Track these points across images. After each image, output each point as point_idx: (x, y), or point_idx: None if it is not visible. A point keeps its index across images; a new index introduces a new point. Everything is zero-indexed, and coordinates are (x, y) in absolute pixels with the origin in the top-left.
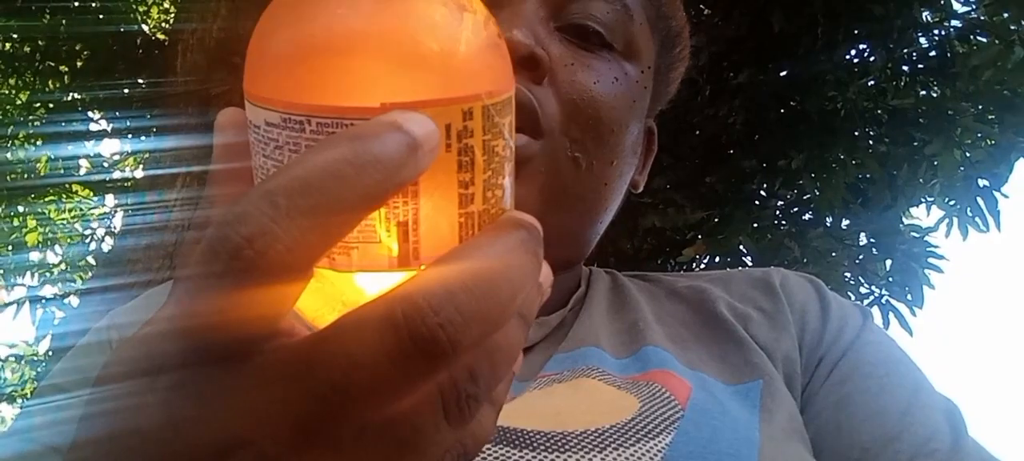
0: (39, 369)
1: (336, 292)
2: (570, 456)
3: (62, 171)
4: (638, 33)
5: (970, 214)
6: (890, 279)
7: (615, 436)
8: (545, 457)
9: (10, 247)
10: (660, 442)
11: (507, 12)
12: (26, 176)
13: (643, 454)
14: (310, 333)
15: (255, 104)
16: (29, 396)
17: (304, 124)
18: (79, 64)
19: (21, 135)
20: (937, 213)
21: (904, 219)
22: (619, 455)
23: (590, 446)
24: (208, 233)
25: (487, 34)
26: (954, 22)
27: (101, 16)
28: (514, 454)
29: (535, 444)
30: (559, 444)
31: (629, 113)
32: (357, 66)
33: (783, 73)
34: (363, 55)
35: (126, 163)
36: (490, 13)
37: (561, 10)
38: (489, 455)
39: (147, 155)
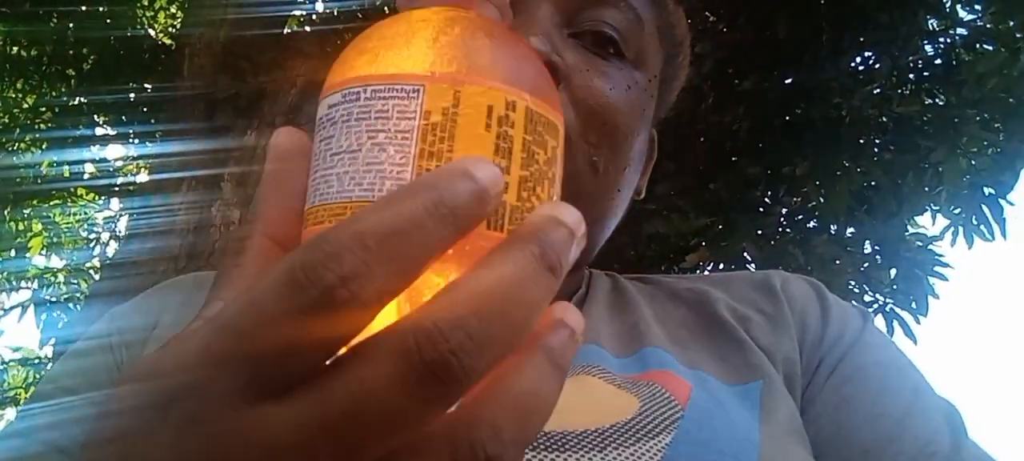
0: (43, 373)
1: None
2: (570, 455)
3: (68, 175)
4: (648, 42)
5: (975, 222)
6: (894, 287)
7: (615, 436)
8: (545, 456)
9: (13, 251)
10: (660, 442)
11: (522, 18)
12: (32, 180)
13: (643, 453)
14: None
15: (322, 99)
16: (29, 397)
17: (359, 94)
18: (86, 68)
19: (27, 139)
20: (942, 222)
21: (909, 227)
22: (619, 454)
23: (590, 445)
24: (288, 265)
25: (537, 60)
26: (960, 30)
27: (108, 21)
28: None
29: (535, 443)
30: (559, 443)
31: (640, 120)
32: (406, 41)
33: (788, 80)
34: (414, 34)
35: (131, 168)
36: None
37: (574, 17)
38: None
39: (153, 159)
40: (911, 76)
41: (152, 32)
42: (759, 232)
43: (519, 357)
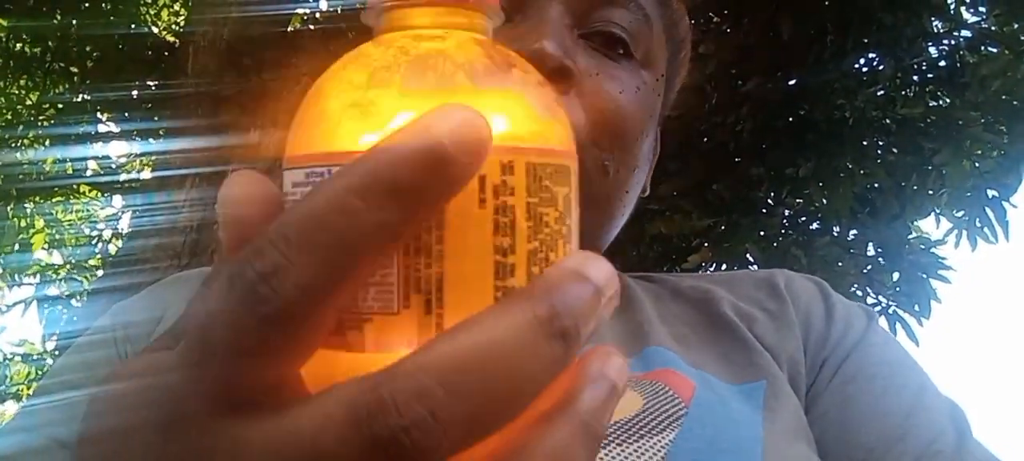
0: (45, 369)
1: (355, 368)
2: None
3: (71, 172)
4: (655, 42)
5: (979, 225)
6: (897, 289)
7: (619, 432)
8: None
9: (16, 247)
10: (664, 438)
11: (534, 20)
12: (35, 177)
13: (647, 450)
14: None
15: (285, 169)
16: (33, 391)
17: (324, 175)
18: (89, 65)
19: (31, 136)
20: (945, 225)
21: (913, 232)
22: (623, 451)
23: None
24: (223, 268)
25: (537, 93)
26: (964, 32)
27: (111, 17)
28: None
29: None
30: None
31: (649, 121)
32: (369, 100)
33: (791, 81)
34: (377, 86)
35: (134, 165)
36: (545, 80)
37: (585, 17)
38: None
39: (156, 157)
40: (915, 78)
41: (156, 29)
42: (762, 233)
43: (545, 415)
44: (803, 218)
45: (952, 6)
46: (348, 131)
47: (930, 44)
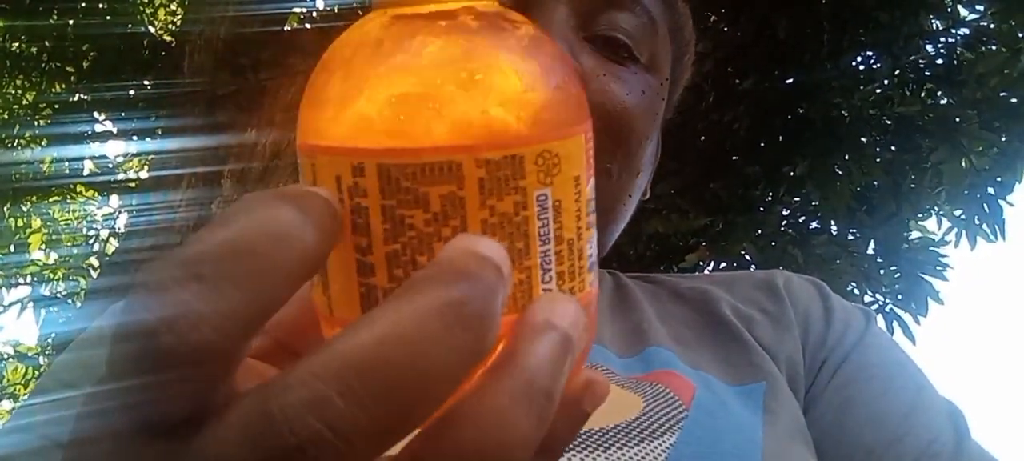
0: (41, 369)
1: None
2: (574, 455)
3: (68, 171)
4: (660, 46)
5: (977, 223)
6: (895, 288)
7: (619, 435)
8: None
9: (12, 247)
10: (664, 442)
11: (539, 23)
12: (31, 176)
13: (647, 454)
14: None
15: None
16: (30, 391)
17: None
18: (85, 65)
19: (27, 135)
20: (944, 224)
21: (912, 232)
22: (623, 454)
23: (594, 445)
24: (123, 313)
25: (437, 76)
26: (961, 30)
27: (108, 17)
28: None
29: None
30: None
31: (653, 125)
32: (320, 87)
33: (788, 80)
34: (327, 72)
35: (131, 164)
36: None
37: (590, 21)
38: None
39: (153, 156)
40: (912, 76)
41: (152, 29)
42: (759, 232)
43: (479, 378)
44: (800, 217)
45: (949, 4)
46: (304, 116)
47: (927, 42)
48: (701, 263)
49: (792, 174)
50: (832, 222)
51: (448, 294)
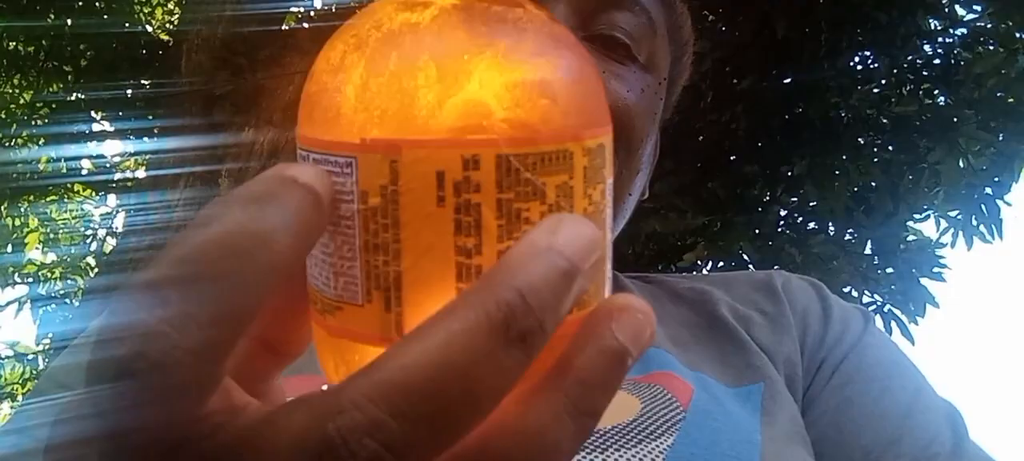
0: (40, 369)
1: (342, 357)
2: None
3: (65, 171)
4: (659, 45)
5: (975, 223)
6: (892, 288)
7: (617, 437)
8: None
9: (10, 247)
10: (662, 443)
11: None
12: (29, 176)
13: (645, 455)
14: (226, 431)
15: (300, 147)
16: (28, 392)
17: (307, 157)
18: (83, 64)
19: (24, 135)
20: (942, 225)
21: (909, 232)
22: (621, 456)
23: (592, 447)
24: (96, 342)
25: (532, 69)
26: (958, 30)
27: (105, 16)
28: None
29: None
30: None
31: (651, 124)
32: (342, 77)
33: (786, 79)
34: (350, 63)
35: (129, 164)
36: (567, 45)
37: (589, 20)
38: None
39: (150, 155)
40: (909, 76)
41: (150, 28)
42: (756, 231)
43: (527, 390)
44: (798, 216)
45: (947, 4)
46: (323, 111)
47: (925, 42)
48: (699, 262)
49: (790, 174)
50: (830, 222)
51: (499, 310)
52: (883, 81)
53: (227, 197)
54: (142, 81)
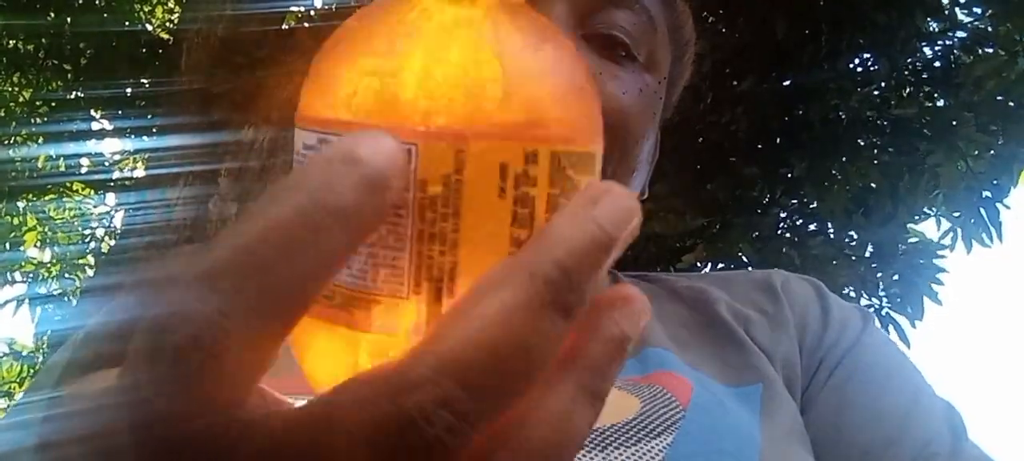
0: (37, 367)
1: (350, 353)
2: None
3: (63, 168)
4: (659, 45)
5: (974, 225)
6: (891, 290)
7: (616, 435)
8: None
9: (7, 245)
10: (661, 442)
11: None
12: (27, 174)
13: (644, 453)
14: (280, 417)
15: (298, 126)
16: (27, 388)
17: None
18: (82, 62)
19: (23, 133)
20: (943, 227)
21: (909, 234)
22: (620, 454)
23: (591, 445)
24: (143, 329)
25: (569, 72)
26: (958, 32)
27: (105, 15)
28: None
29: None
30: None
31: (650, 124)
32: (397, 61)
33: (786, 81)
34: (408, 48)
35: (128, 162)
36: (579, 56)
37: (587, 19)
38: None
39: (149, 154)
40: (909, 78)
41: (149, 26)
42: (756, 233)
43: (545, 379)
44: (797, 218)
45: (947, 7)
46: (372, 94)
47: (925, 44)
48: (698, 264)
49: (789, 175)
50: (829, 224)
51: (544, 285)
52: (883, 83)
53: (285, 182)
54: (141, 80)
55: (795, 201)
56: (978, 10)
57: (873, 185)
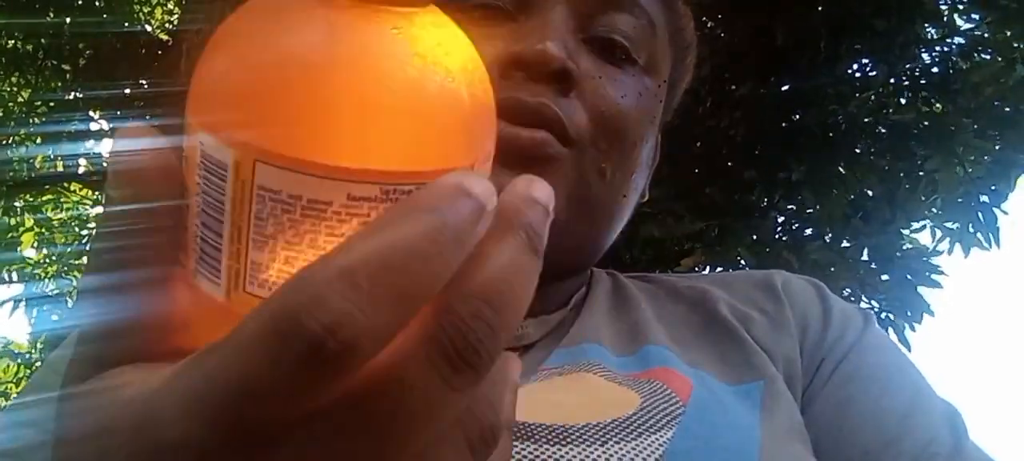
0: (34, 367)
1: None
2: (571, 449)
3: (62, 169)
4: (659, 48)
5: (972, 230)
6: (889, 295)
7: (616, 430)
8: (546, 450)
9: (4, 245)
10: (661, 437)
11: (537, 21)
12: (26, 174)
13: (644, 448)
14: None
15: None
16: (27, 387)
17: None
18: (82, 63)
19: (22, 133)
20: (939, 234)
21: (906, 240)
22: (620, 449)
23: (591, 439)
24: (267, 312)
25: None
26: (957, 39)
27: (105, 15)
28: (515, 445)
29: (536, 436)
30: (560, 437)
31: (649, 126)
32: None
33: (784, 86)
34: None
35: None
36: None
37: (588, 22)
38: None
39: None
40: (907, 84)
41: (149, 27)
42: (754, 237)
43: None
44: (795, 223)
45: (945, 13)
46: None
47: (923, 50)
48: (696, 268)
49: (788, 180)
50: (827, 228)
51: (525, 235)
52: (881, 89)
53: (408, 202)
54: (141, 80)
55: (793, 206)
56: (976, 17)
57: (871, 190)
